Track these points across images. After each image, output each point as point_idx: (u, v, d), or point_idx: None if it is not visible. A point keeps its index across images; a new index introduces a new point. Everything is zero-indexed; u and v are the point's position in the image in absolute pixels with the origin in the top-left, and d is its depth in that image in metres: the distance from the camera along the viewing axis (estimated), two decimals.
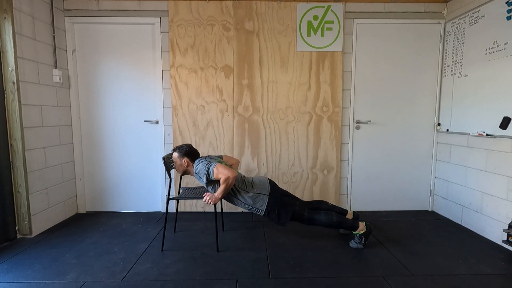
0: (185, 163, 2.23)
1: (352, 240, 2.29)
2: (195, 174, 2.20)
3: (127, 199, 3.10)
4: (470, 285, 1.77)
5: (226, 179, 2.05)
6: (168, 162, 2.29)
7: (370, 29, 2.96)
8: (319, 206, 2.40)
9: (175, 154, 2.25)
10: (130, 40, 2.94)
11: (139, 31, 2.93)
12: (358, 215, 2.47)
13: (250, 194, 2.19)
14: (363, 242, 2.23)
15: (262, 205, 2.17)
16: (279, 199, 2.22)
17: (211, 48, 2.88)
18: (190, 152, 2.26)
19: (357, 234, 2.25)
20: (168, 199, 2.26)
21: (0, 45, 2.27)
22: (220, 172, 2.07)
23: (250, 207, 2.21)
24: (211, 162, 2.13)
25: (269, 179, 2.31)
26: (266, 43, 2.90)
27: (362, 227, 2.24)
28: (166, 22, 2.89)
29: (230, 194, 2.22)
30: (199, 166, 2.15)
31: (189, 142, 2.97)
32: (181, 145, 2.29)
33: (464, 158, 2.68)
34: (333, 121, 2.99)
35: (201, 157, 2.27)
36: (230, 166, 2.32)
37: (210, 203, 2.13)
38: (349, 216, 2.43)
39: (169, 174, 2.23)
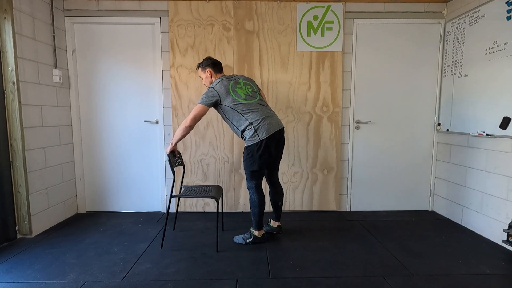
0: (209, 74, 2.29)
1: (242, 235, 2.34)
2: None
3: (127, 199, 3.10)
4: (470, 285, 1.77)
5: (184, 124, 2.13)
6: (172, 160, 2.29)
7: (370, 29, 2.96)
8: (275, 192, 2.42)
9: (199, 69, 2.34)
10: (130, 40, 2.94)
11: (139, 31, 2.93)
12: (280, 229, 2.49)
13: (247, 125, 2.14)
14: (247, 241, 2.30)
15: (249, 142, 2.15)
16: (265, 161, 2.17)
17: (211, 48, 2.88)
18: (212, 63, 2.31)
19: (252, 232, 2.32)
20: (171, 196, 2.25)
21: (0, 45, 2.27)
22: (192, 113, 2.13)
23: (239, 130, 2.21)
24: (208, 96, 2.14)
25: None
26: (266, 43, 2.90)
27: (260, 234, 2.31)
28: (166, 22, 2.89)
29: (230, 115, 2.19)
30: (206, 92, 2.17)
31: (188, 142, 2.97)
32: (202, 59, 2.36)
33: (464, 158, 2.68)
34: (333, 121, 2.99)
35: (223, 78, 2.23)
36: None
37: (167, 151, 2.23)
38: (274, 225, 2.47)
39: (173, 172, 2.23)
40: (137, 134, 3.03)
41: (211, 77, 2.30)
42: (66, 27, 2.88)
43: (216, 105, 2.19)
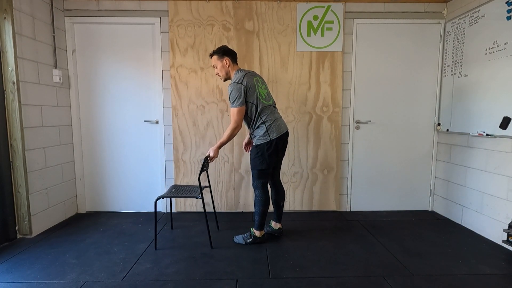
0: (226, 63, 2.20)
1: (243, 235, 2.35)
2: (228, 86, 2.15)
3: (127, 199, 3.10)
4: (470, 285, 1.77)
5: (233, 129, 2.11)
6: (206, 164, 2.26)
7: (370, 29, 2.96)
8: (277, 192, 2.40)
9: (215, 57, 2.23)
10: (130, 40, 2.94)
11: (139, 31, 2.93)
12: (281, 232, 2.46)
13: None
14: (247, 241, 2.30)
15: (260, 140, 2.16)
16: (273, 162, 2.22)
17: (211, 48, 2.86)
18: (228, 51, 2.22)
19: (252, 232, 2.32)
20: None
21: (0, 45, 2.27)
22: (233, 117, 2.11)
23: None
24: (240, 95, 2.08)
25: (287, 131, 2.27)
26: (266, 43, 2.90)
27: (261, 234, 2.31)
28: (166, 22, 2.89)
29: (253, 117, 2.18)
30: (233, 89, 2.10)
31: (188, 142, 2.97)
32: (217, 47, 2.25)
33: (464, 158, 2.68)
34: (333, 121, 2.99)
35: (247, 72, 2.18)
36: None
37: (211, 158, 2.16)
38: (275, 226, 2.45)
39: (199, 179, 2.20)
40: (137, 134, 3.03)
41: (228, 66, 2.21)
42: (66, 27, 2.88)
43: None
